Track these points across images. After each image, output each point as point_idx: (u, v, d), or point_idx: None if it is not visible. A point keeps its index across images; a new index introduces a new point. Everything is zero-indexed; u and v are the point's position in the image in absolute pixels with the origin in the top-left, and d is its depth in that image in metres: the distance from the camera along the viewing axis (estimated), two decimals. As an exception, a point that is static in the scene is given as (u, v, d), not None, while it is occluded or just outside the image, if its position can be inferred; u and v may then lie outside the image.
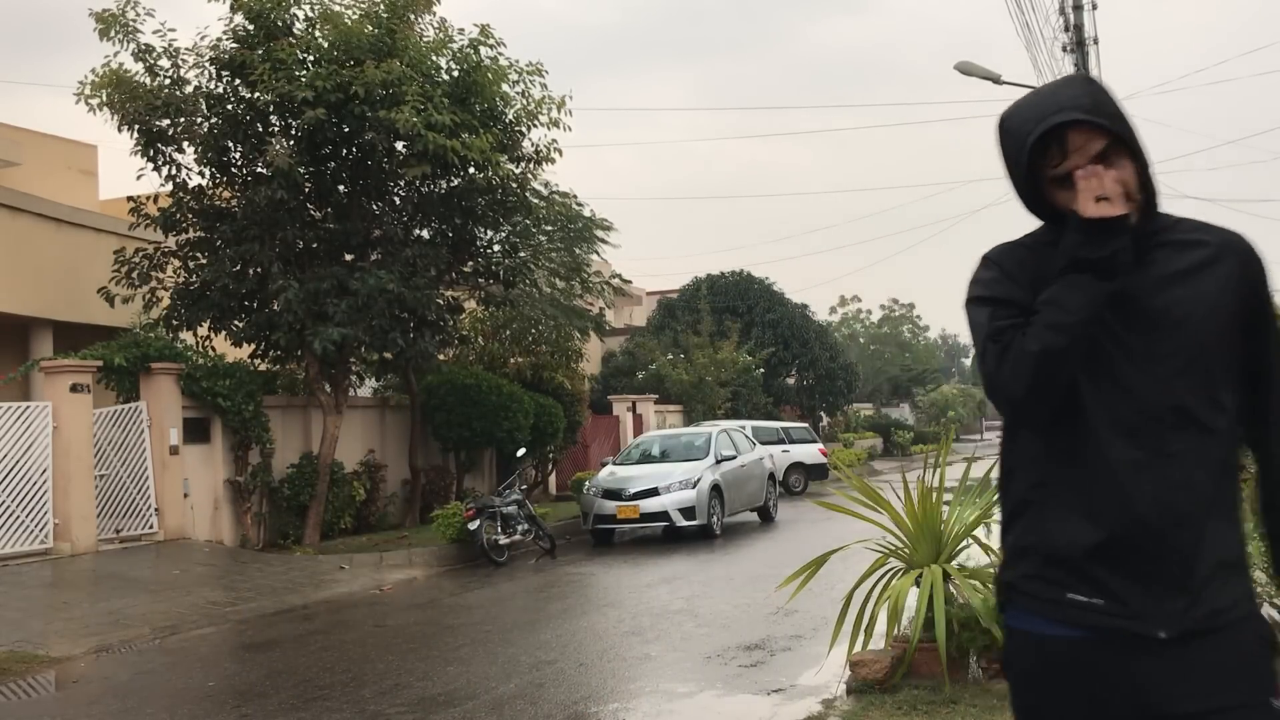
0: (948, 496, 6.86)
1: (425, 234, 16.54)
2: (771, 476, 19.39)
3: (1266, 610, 4.85)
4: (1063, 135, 2.04)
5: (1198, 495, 1.99)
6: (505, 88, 15.45)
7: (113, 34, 14.17)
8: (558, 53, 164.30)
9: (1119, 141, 2.04)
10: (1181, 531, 1.97)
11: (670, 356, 31.93)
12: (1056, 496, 2.05)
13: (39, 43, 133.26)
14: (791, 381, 39.14)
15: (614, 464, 18.13)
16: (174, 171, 15.06)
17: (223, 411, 14.70)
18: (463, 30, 15.47)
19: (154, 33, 14.47)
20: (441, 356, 18.45)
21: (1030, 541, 2.09)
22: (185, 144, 14.69)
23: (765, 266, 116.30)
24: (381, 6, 14.64)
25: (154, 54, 14.41)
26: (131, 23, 14.22)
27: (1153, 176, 2.09)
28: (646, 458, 18.11)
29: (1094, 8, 17.78)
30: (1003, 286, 2.13)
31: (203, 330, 15.43)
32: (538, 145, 16.22)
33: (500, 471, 19.46)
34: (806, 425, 30.97)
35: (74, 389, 13.40)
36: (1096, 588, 2.00)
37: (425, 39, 15.04)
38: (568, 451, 22.55)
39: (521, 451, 17.75)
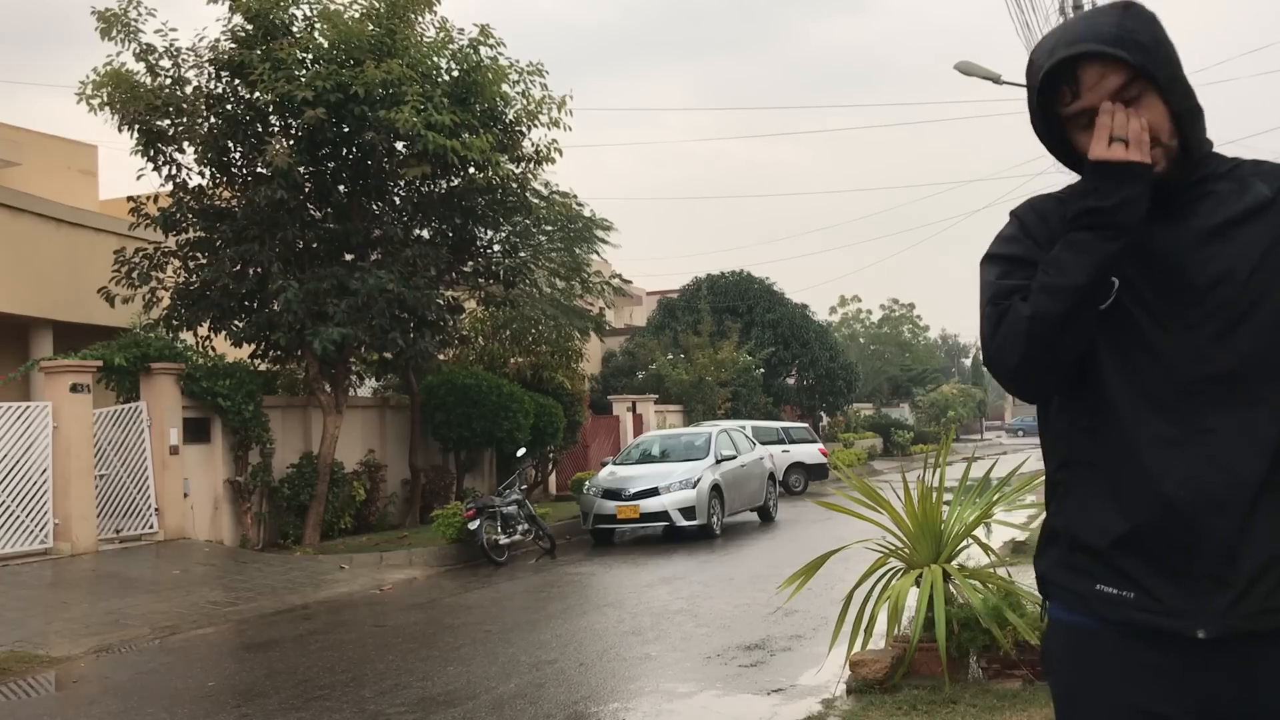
0: (948, 496, 6.86)
1: (425, 234, 16.55)
2: (771, 476, 19.39)
3: None
4: (1075, 70, 1.82)
5: (1241, 477, 1.73)
6: (505, 88, 15.46)
7: (114, 33, 14.17)
8: (558, 53, 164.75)
9: (1147, 77, 1.80)
10: (1219, 518, 1.72)
11: (670, 356, 31.94)
12: (1083, 477, 1.86)
13: (40, 42, 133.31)
14: (791, 381, 39.13)
15: (614, 464, 18.13)
16: (174, 171, 15.07)
17: (223, 411, 14.70)
18: (463, 30, 15.52)
19: (155, 32, 14.54)
20: (441, 356, 18.47)
21: (1058, 524, 1.91)
22: (185, 144, 14.70)
23: (765, 266, 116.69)
24: (381, 6, 14.64)
25: (155, 54, 14.42)
26: (133, 22, 14.23)
27: (1195, 119, 1.85)
28: (646, 458, 18.11)
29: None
30: (1019, 244, 1.92)
31: (203, 330, 15.43)
32: (538, 145, 16.25)
33: (500, 471, 19.46)
34: (806, 425, 30.97)
35: (74, 389, 13.40)
36: (1126, 580, 1.79)
37: (425, 39, 15.05)
38: (568, 451, 22.55)
39: (521, 451, 17.75)
